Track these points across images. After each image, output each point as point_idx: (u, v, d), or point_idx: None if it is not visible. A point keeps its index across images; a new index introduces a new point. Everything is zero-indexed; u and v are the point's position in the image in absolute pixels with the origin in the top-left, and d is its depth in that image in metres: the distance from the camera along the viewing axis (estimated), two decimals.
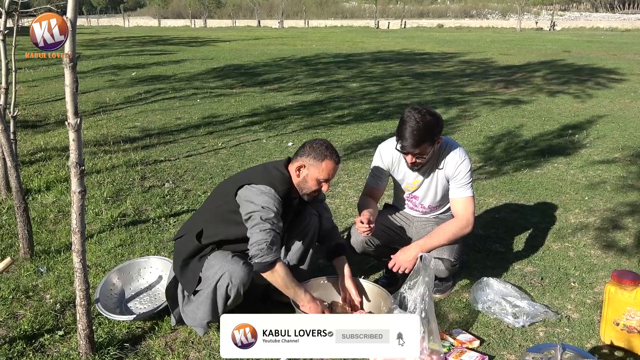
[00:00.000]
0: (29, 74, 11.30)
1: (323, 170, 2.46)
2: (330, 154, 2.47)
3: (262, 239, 2.30)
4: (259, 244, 2.30)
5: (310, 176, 2.47)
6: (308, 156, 2.47)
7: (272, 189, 2.39)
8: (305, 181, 2.49)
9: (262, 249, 2.29)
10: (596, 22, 31.16)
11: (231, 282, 2.34)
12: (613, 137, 6.40)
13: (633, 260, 3.36)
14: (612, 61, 14.07)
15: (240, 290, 2.36)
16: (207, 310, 2.41)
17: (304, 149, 2.50)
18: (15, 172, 3.25)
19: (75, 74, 2.07)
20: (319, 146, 2.48)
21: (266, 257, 2.30)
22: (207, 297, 2.40)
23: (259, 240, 2.30)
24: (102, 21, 41.24)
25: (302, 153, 2.50)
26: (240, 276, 2.34)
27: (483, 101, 8.72)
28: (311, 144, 2.51)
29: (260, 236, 2.30)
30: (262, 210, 2.34)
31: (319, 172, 2.46)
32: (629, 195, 4.47)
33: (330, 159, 2.46)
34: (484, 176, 4.97)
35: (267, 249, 2.29)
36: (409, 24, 32.75)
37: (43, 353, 2.43)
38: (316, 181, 2.48)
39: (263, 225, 2.31)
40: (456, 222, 2.75)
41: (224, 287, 2.35)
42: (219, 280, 2.35)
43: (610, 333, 2.49)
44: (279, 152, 5.74)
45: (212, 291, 2.38)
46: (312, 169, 2.46)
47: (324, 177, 2.47)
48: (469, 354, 2.40)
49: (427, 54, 16.45)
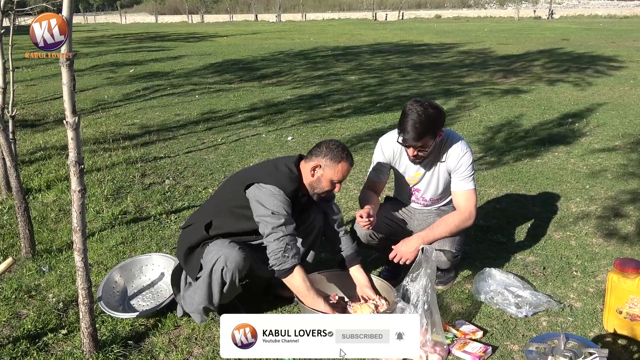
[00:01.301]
0: (27, 73, 11.27)
1: (339, 171, 2.50)
2: (347, 156, 2.52)
3: (278, 248, 2.38)
4: (275, 253, 2.38)
5: (325, 177, 2.51)
6: (325, 157, 2.50)
7: (282, 190, 2.43)
8: (319, 181, 2.52)
9: (278, 258, 2.38)
10: (594, 10, 31.05)
11: (226, 266, 2.36)
12: (613, 124, 6.39)
13: (635, 248, 3.36)
14: (611, 49, 14.03)
15: (235, 274, 2.37)
16: (204, 294, 2.43)
17: (320, 149, 2.53)
18: (15, 171, 3.25)
19: (72, 72, 2.06)
20: (335, 147, 2.52)
21: (284, 264, 2.38)
22: (203, 281, 2.43)
23: (275, 250, 2.38)
24: (99, 18, 41.12)
25: (318, 153, 2.52)
26: (235, 260, 2.36)
27: (482, 91, 8.70)
28: (327, 144, 2.54)
29: (275, 246, 2.38)
30: (272, 216, 2.39)
31: (334, 173, 2.50)
32: (630, 183, 4.46)
33: (346, 161, 2.51)
34: (484, 166, 4.96)
35: (282, 257, 2.37)
36: (406, 15, 32.62)
37: (47, 352, 2.44)
38: (330, 182, 2.52)
39: (276, 234, 2.38)
40: (458, 215, 2.75)
41: (219, 271, 2.38)
42: (215, 264, 2.38)
43: (613, 321, 2.49)
44: (279, 147, 5.73)
45: (208, 275, 2.41)
46: (327, 169, 2.49)
47: (338, 178, 2.52)
48: (472, 344, 2.40)
49: (426, 45, 16.40)
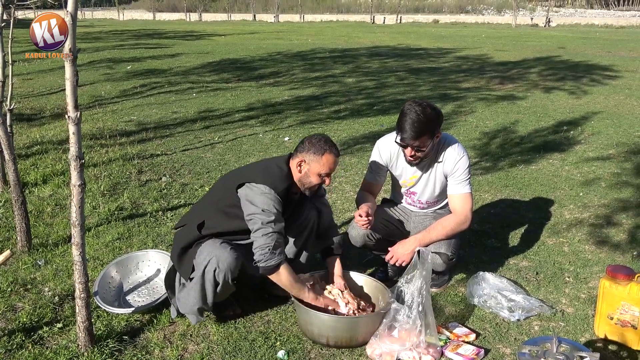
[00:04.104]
0: (23, 66, 11.22)
1: (324, 164, 2.50)
2: (330, 147, 2.51)
3: (265, 243, 2.38)
4: (262, 248, 2.39)
5: (312, 171, 2.51)
6: (308, 152, 2.50)
7: (273, 190, 2.44)
8: (307, 176, 2.53)
9: (265, 254, 2.38)
10: (591, 19, 31.18)
11: (218, 267, 2.38)
12: (607, 133, 6.44)
13: (627, 256, 3.40)
14: (607, 58, 14.12)
15: (227, 275, 2.39)
16: (197, 295, 2.44)
17: (303, 145, 2.54)
18: (13, 165, 3.25)
19: (75, 68, 2.08)
20: (317, 141, 2.51)
21: (270, 261, 2.39)
22: (196, 282, 2.44)
23: (262, 245, 2.38)
24: (96, 14, 40.91)
25: (301, 149, 2.53)
26: (227, 261, 2.38)
27: (479, 97, 8.74)
28: (310, 139, 2.54)
29: (262, 241, 2.38)
30: (262, 213, 2.40)
31: (320, 166, 2.50)
32: (623, 192, 4.51)
33: (330, 152, 2.50)
34: (479, 171, 4.99)
35: (270, 253, 2.38)
36: (404, 19, 32.64)
37: (42, 345, 2.45)
38: (318, 176, 2.52)
39: (265, 230, 2.39)
40: (454, 218, 2.77)
41: (211, 272, 2.39)
42: (207, 265, 2.40)
43: (604, 327, 2.53)
44: (276, 147, 5.75)
45: (201, 276, 2.42)
46: (312, 164, 2.50)
47: (325, 171, 2.51)
48: (465, 347, 2.43)
49: (423, 50, 16.44)
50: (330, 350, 2.44)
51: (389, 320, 2.42)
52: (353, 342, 2.45)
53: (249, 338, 2.52)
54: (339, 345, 2.44)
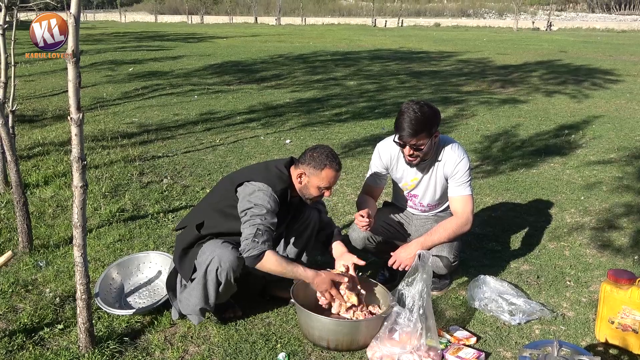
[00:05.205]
0: (25, 68, 11.26)
1: (323, 178, 2.51)
2: (330, 162, 2.51)
3: (249, 233, 2.37)
4: (246, 238, 2.37)
5: (311, 184, 2.53)
6: (308, 165, 2.51)
7: (270, 187, 2.45)
8: (306, 188, 2.55)
9: (247, 244, 2.36)
10: (592, 23, 31.23)
11: (220, 266, 2.37)
12: (609, 137, 6.44)
13: (628, 260, 3.40)
14: (608, 62, 14.14)
15: (229, 274, 2.39)
16: (200, 295, 2.44)
17: (305, 157, 2.55)
18: (15, 166, 3.25)
19: (78, 69, 2.08)
20: (319, 155, 2.52)
21: (252, 250, 2.35)
22: (198, 282, 2.44)
23: (247, 235, 2.38)
24: (98, 16, 41.02)
25: (303, 160, 2.55)
26: (229, 260, 2.37)
27: (480, 100, 8.75)
28: (312, 152, 2.55)
29: (247, 231, 2.38)
30: (255, 207, 2.40)
31: (319, 180, 2.51)
32: (625, 196, 4.51)
33: (330, 167, 2.51)
34: (481, 175, 4.99)
35: (251, 242, 2.35)
36: (406, 22, 32.72)
37: (43, 346, 2.45)
38: (317, 188, 2.54)
39: (252, 221, 2.38)
40: (456, 220, 2.77)
41: (213, 271, 2.39)
42: (209, 264, 2.40)
43: (605, 331, 2.52)
44: (277, 149, 5.75)
45: (203, 276, 2.42)
46: (312, 177, 2.52)
47: (324, 184, 2.53)
48: (466, 350, 2.43)
49: (425, 53, 16.47)
50: (330, 353, 2.44)
51: (390, 323, 2.42)
52: (354, 345, 2.45)
53: (250, 340, 2.52)
54: (340, 348, 2.44)
